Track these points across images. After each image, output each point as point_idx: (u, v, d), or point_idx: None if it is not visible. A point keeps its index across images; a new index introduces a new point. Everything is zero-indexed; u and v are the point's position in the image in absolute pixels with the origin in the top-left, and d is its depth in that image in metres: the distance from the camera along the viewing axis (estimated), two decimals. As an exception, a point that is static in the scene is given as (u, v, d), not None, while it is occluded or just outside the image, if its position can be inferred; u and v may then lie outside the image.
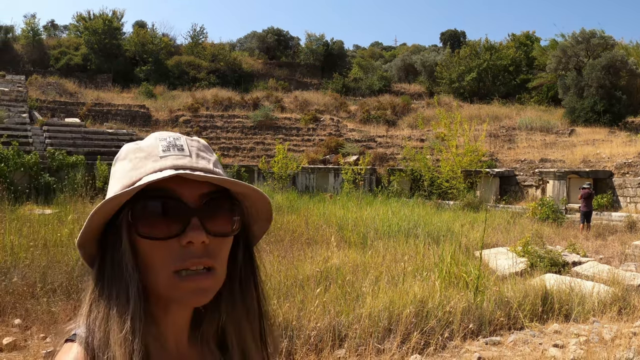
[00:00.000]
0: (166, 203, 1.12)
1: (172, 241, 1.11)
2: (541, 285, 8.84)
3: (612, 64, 38.53)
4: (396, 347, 6.56)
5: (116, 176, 1.19)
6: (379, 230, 14.89)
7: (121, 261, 1.11)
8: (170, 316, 1.20)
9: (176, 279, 1.11)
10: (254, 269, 1.31)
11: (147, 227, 1.11)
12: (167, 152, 1.17)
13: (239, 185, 1.18)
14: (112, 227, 1.14)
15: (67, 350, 1.12)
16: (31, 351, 6.37)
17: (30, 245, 10.30)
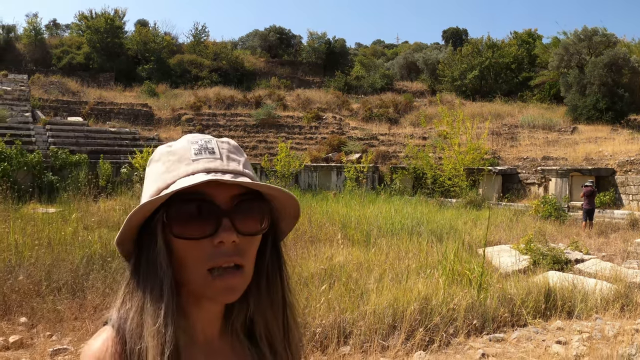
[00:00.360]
0: (199, 205, 1.17)
1: (204, 241, 1.17)
2: (544, 283, 8.88)
3: (615, 61, 38.48)
4: (401, 344, 6.60)
5: (151, 178, 1.25)
6: (382, 228, 14.92)
7: (156, 259, 1.18)
8: (202, 310, 1.27)
9: (209, 277, 1.17)
10: (280, 263, 1.36)
11: (181, 227, 1.17)
12: (199, 156, 1.22)
13: (267, 188, 1.23)
14: (148, 228, 1.21)
15: (101, 332, 1.22)
16: (37, 349, 6.41)
17: (35, 244, 10.32)
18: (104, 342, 1.18)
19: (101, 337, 1.20)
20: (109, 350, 1.16)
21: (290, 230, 1.40)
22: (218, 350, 1.32)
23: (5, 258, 9.23)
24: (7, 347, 6.39)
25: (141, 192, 1.29)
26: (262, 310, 1.34)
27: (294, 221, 1.37)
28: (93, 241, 11.49)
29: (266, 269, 1.33)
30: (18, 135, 27.35)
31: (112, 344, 1.17)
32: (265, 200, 1.27)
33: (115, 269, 9.40)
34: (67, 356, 6.15)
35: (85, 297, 7.94)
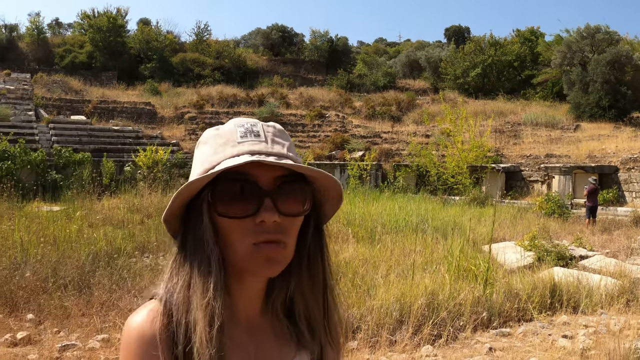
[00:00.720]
0: (242, 185, 1.22)
1: (247, 220, 1.21)
2: (549, 278, 8.90)
3: (617, 59, 38.46)
4: (408, 338, 6.63)
5: (198, 160, 1.29)
6: (386, 225, 14.93)
7: (202, 237, 1.22)
8: (244, 288, 1.32)
9: (252, 249, 1.21)
10: (322, 246, 1.38)
11: (225, 206, 1.22)
12: (245, 138, 1.26)
13: (309, 170, 1.26)
14: (194, 206, 1.26)
15: (146, 305, 1.28)
16: (46, 345, 6.43)
17: (40, 242, 10.36)
18: (148, 314, 1.23)
19: (146, 308, 1.25)
20: (155, 322, 1.21)
21: (333, 214, 1.42)
22: (258, 328, 1.36)
23: (10, 255, 9.27)
24: (15, 344, 6.41)
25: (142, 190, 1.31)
26: (302, 290, 1.36)
27: (337, 204, 1.39)
28: (98, 238, 11.53)
29: (308, 250, 1.35)
30: (21, 134, 27.38)
31: (158, 316, 1.22)
32: (308, 182, 1.30)
33: (121, 266, 9.45)
34: (76, 352, 6.18)
35: (92, 293, 7.96)
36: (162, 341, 1.19)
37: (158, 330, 1.20)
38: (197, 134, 36.29)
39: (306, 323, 1.38)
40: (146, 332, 1.21)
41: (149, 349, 1.19)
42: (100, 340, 6.48)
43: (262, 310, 1.38)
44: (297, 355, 1.39)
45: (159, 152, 26.82)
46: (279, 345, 1.38)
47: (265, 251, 1.21)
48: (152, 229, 13.74)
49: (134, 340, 1.21)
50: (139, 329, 1.21)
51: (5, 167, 23.48)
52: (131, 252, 11.14)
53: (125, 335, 1.23)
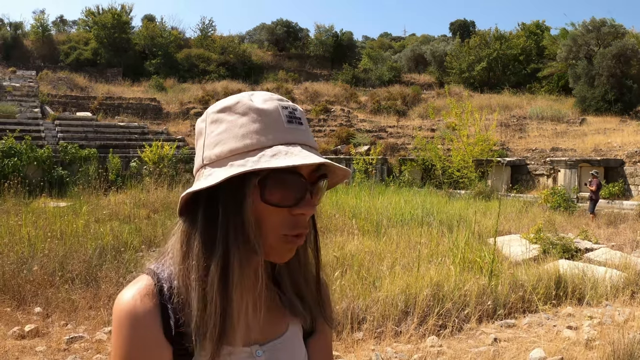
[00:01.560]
0: (292, 177, 1.19)
1: (284, 209, 1.20)
2: (554, 270, 8.91)
3: (623, 52, 38.36)
4: (413, 329, 6.65)
5: (236, 132, 1.21)
6: (391, 219, 14.95)
7: (245, 221, 1.19)
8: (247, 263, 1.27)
9: (282, 240, 1.22)
10: (314, 221, 1.38)
11: (272, 194, 1.18)
12: (291, 124, 1.22)
13: (342, 170, 1.27)
14: (233, 188, 1.20)
15: (139, 279, 1.27)
16: (53, 337, 6.48)
17: (48, 237, 10.41)
18: (141, 291, 1.22)
19: (139, 284, 1.24)
20: (148, 299, 1.21)
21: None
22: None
23: (18, 250, 9.31)
24: (23, 336, 6.46)
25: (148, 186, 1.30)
26: (288, 263, 1.35)
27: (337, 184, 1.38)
28: (105, 233, 11.58)
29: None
30: (27, 130, 27.45)
31: (151, 293, 1.21)
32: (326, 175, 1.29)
33: (127, 259, 9.50)
34: (83, 343, 6.23)
35: (99, 286, 8.00)
36: (152, 319, 1.19)
37: (150, 307, 1.20)
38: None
39: (294, 293, 1.40)
40: (137, 309, 1.19)
41: (138, 326, 1.18)
42: (107, 333, 6.53)
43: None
44: (291, 322, 1.40)
45: (165, 147, 26.87)
46: (271, 320, 1.37)
47: (291, 243, 1.23)
48: (159, 223, 13.78)
49: (123, 316, 1.19)
50: (129, 306, 1.19)
51: (12, 163, 23.56)
52: (138, 246, 11.18)
53: (114, 311, 1.21)
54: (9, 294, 7.62)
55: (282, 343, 1.36)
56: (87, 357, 5.82)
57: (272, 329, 1.36)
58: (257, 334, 1.32)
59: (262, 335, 1.33)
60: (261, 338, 1.33)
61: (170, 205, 16.87)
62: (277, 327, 1.38)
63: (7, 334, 6.46)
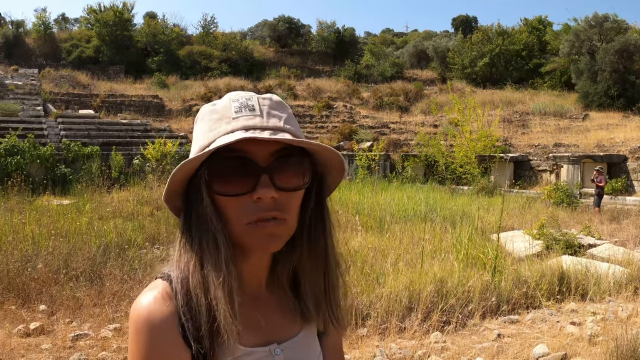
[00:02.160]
0: (237, 162, 1.20)
1: (245, 197, 1.20)
2: (558, 266, 8.92)
3: (626, 48, 38.30)
4: (417, 325, 6.68)
5: (195, 136, 1.29)
6: (395, 215, 14.96)
7: (205, 214, 1.22)
8: (249, 263, 1.31)
9: (247, 229, 1.21)
10: (324, 220, 1.36)
11: (221, 184, 1.20)
12: (239, 113, 1.24)
13: (305, 144, 1.24)
14: (193, 185, 1.25)
15: (154, 284, 1.27)
16: (59, 335, 6.51)
17: (51, 234, 10.44)
18: (156, 296, 1.22)
19: (153, 290, 1.24)
20: (163, 303, 1.20)
21: (337, 185, 1.41)
22: (264, 302, 1.36)
23: (22, 248, 9.35)
24: (28, 334, 6.49)
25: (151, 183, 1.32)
26: (303, 265, 1.36)
27: (340, 175, 1.37)
28: (108, 230, 11.61)
29: (308, 226, 1.34)
30: (30, 129, 27.51)
31: (166, 297, 1.22)
32: (307, 155, 1.28)
33: (132, 257, 9.53)
34: (88, 341, 6.26)
35: (103, 284, 8.04)
36: (171, 323, 1.19)
37: (167, 312, 1.19)
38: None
39: (310, 297, 1.38)
40: (155, 314, 1.19)
41: (157, 332, 1.18)
42: (112, 330, 6.56)
43: (267, 284, 1.38)
44: (303, 328, 1.40)
45: (168, 144, 26.89)
46: (285, 319, 1.38)
47: (264, 228, 1.20)
48: (162, 220, 13.81)
49: (141, 322, 1.19)
50: (147, 312, 1.19)
51: (14, 161, 23.62)
52: (141, 244, 11.21)
53: (132, 318, 1.21)
54: (13, 292, 7.65)
55: (298, 341, 1.37)
56: (92, 354, 5.85)
57: (289, 328, 1.37)
58: (274, 333, 1.34)
59: (280, 334, 1.35)
60: (279, 337, 1.34)
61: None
62: (294, 326, 1.38)
63: (12, 332, 6.49)
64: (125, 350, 5.99)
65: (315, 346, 1.43)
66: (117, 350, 5.96)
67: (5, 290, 7.66)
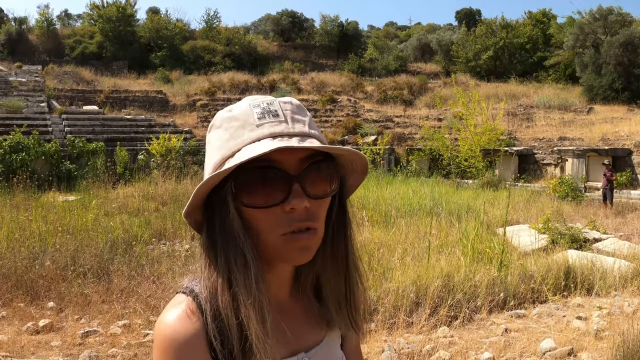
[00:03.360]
0: (267, 173, 1.15)
1: (276, 208, 1.16)
2: (564, 260, 8.94)
3: (630, 41, 38.20)
4: (425, 320, 6.71)
5: (214, 145, 1.23)
6: (400, 209, 14.96)
7: (232, 229, 1.17)
8: (274, 274, 1.28)
9: (283, 240, 1.17)
10: (345, 223, 1.33)
11: (251, 197, 1.16)
12: (263, 120, 1.18)
13: (336, 150, 1.21)
14: (216, 197, 1.19)
15: (178, 299, 1.23)
16: (68, 332, 6.55)
17: (58, 231, 10.48)
18: (181, 314, 1.18)
19: (178, 307, 1.20)
20: (188, 321, 1.17)
21: (358, 185, 1.38)
22: (289, 311, 1.33)
23: (29, 245, 9.38)
24: (37, 331, 6.53)
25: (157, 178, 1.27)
26: (326, 269, 1.33)
27: (362, 176, 1.35)
28: (115, 227, 11.65)
29: (332, 229, 1.30)
30: (35, 125, 27.57)
31: (191, 314, 1.18)
32: (333, 159, 1.24)
33: (138, 253, 9.57)
34: (98, 337, 6.29)
35: (111, 280, 8.08)
36: (197, 341, 1.15)
37: (193, 330, 1.16)
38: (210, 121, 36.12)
39: (333, 301, 1.35)
40: (180, 332, 1.15)
41: (184, 350, 1.14)
42: (121, 326, 6.60)
43: (291, 292, 1.36)
44: (327, 334, 1.39)
45: (172, 139, 26.93)
46: (310, 325, 1.37)
47: (298, 241, 1.17)
48: (168, 216, 13.87)
49: (167, 341, 1.15)
50: (172, 330, 1.16)
51: (20, 158, 23.70)
52: (148, 240, 11.25)
53: (157, 336, 1.17)
54: (22, 289, 7.69)
55: (323, 347, 1.36)
56: (102, 350, 5.89)
57: (315, 335, 1.36)
58: (301, 342, 1.32)
59: (306, 342, 1.34)
60: (305, 345, 1.33)
61: (178, 198, 16.95)
62: (319, 333, 1.37)
63: (21, 329, 6.53)
64: (135, 346, 6.03)
65: (338, 350, 1.43)
66: (127, 347, 5.99)
67: (13, 287, 7.70)
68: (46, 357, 5.75)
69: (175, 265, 8.78)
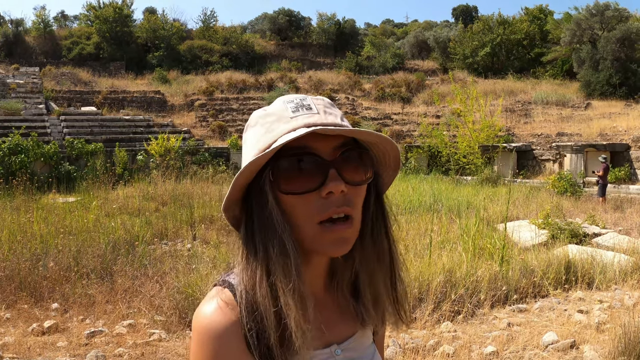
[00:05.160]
0: (304, 159, 1.19)
1: (313, 194, 1.19)
2: (564, 255, 8.99)
3: (627, 36, 38.28)
4: (428, 315, 6.76)
5: (250, 142, 1.27)
6: (400, 206, 15.00)
7: (271, 218, 1.19)
8: (310, 266, 1.29)
9: (320, 230, 1.19)
10: (384, 215, 1.35)
11: (288, 183, 1.19)
12: (297, 113, 1.23)
13: (368, 135, 1.25)
14: (255, 189, 1.23)
15: (214, 292, 1.27)
16: (73, 332, 6.57)
17: (60, 232, 10.51)
18: (219, 305, 1.22)
19: (215, 299, 1.24)
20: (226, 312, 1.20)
21: (392, 181, 1.42)
22: (324, 304, 1.34)
23: (32, 247, 9.40)
24: (43, 332, 6.55)
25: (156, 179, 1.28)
26: (367, 264, 1.34)
27: (395, 172, 1.39)
28: (116, 227, 11.69)
29: (371, 222, 1.31)
30: (33, 127, 27.63)
31: (229, 306, 1.21)
32: (366, 150, 1.28)
33: (141, 253, 9.60)
34: (103, 337, 6.33)
35: (114, 280, 8.10)
36: (234, 331, 1.18)
37: (230, 321, 1.19)
38: (208, 121, 36.45)
39: (371, 297, 1.36)
40: (218, 323, 1.19)
41: (221, 340, 1.18)
42: (126, 326, 6.63)
43: (326, 287, 1.38)
44: (360, 330, 1.40)
45: (171, 140, 26.96)
46: (344, 319, 1.38)
47: (334, 231, 1.19)
48: (169, 216, 13.91)
49: (205, 332, 1.19)
50: (210, 321, 1.19)
51: (19, 160, 23.74)
52: (149, 240, 11.30)
53: (195, 328, 1.21)
54: (25, 290, 7.71)
55: (356, 340, 1.38)
56: (109, 350, 5.92)
57: (348, 328, 1.38)
58: (334, 334, 1.34)
59: (339, 334, 1.36)
60: (338, 337, 1.35)
61: (178, 198, 16.99)
62: (352, 326, 1.39)
63: (27, 330, 6.56)
64: (141, 345, 6.07)
65: (370, 344, 1.45)
66: (133, 346, 6.03)
67: (17, 289, 7.72)
68: (53, 358, 5.78)
69: (178, 265, 8.81)
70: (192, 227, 12.52)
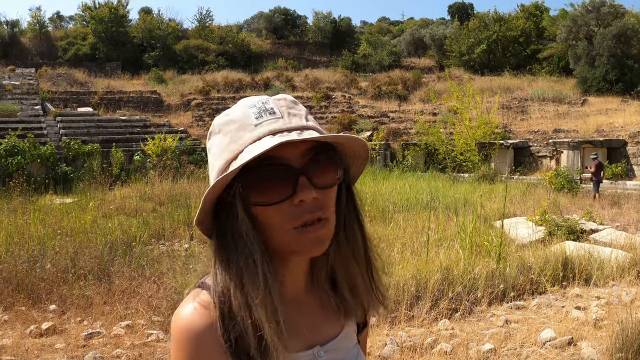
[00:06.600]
0: (272, 169, 1.17)
1: (285, 203, 1.18)
2: (561, 252, 8.98)
3: (623, 32, 38.32)
4: (425, 313, 6.76)
5: (215, 151, 1.25)
6: (397, 204, 15.00)
7: (240, 231, 1.19)
8: (289, 269, 1.30)
9: (295, 234, 1.19)
10: (356, 207, 1.35)
11: (259, 195, 1.18)
12: (260, 119, 1.21)
13: (335, 138, 1.24)
14: (224, 201, 1.22)
15: (194, 294, 1.27)
16: (71, 334, 6.55)
17: (57, 234, 10.50)
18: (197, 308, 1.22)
19: (194, 301, 1.23)
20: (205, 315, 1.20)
21: (361, 172, 1.41)
22: (306, 305, 1.35)
23: (29, 249, 9.39)
24: (41, 334, 6.53)
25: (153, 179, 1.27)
26: (342, 257, 1.34)
27: (364, 162, 1.38)
28: (113, 228, 11.68)
29: (344, 216, 1.31)
30: (29, 128, 27.58)
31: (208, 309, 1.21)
32: (335, 148, 1.26)
33: (138, 254, 9.59)
34: (101, 339, 6.31)
35: (112, 282, 8.09)
36: (213, 332, 1.18)
37: (209, 322, 1.19)
38: (205, 120, 36.42)
39: (348, 288, 1.37)
40: (196, 324, 1.19)
41: (200, 340, 1.18)
42: (124, 327, 6.62)
43: (307, 286, 1.38)
44: (345, 324, 1.40)
45: (168, 139, 26.95)
46: (327, 318, 1.38)
47: (310, 232, 1.19)
48: (166, 216, 13.88)
49: (184, 332, 1.19)
50: (188, 322, 1.20)
51: (15, 162, 23.69)
52: (147, 240, 11.27)
53: (174, 328, 1.21)
54: (23, 292, 7.69)
55: (339, 340, 1.38)
56: (107, 352, 5.90)
57: (331, 328, 1.38)
58: (317, 336, 1.34)
59: (322, 335, 1.36)
60: (321, 339, 1.35)
61: (175, 198, 16.98)
62: (335, 326, 1.39)
63: (25, 332, 6.54)
64: (139, 346, 6.06)
65: (354, 345, 1.45)
66: (131, 347, 6.02)
67: (14, 291, 7.70)
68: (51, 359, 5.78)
69: (176, 265, 8.81)
70: (190, 227, 12.51)
